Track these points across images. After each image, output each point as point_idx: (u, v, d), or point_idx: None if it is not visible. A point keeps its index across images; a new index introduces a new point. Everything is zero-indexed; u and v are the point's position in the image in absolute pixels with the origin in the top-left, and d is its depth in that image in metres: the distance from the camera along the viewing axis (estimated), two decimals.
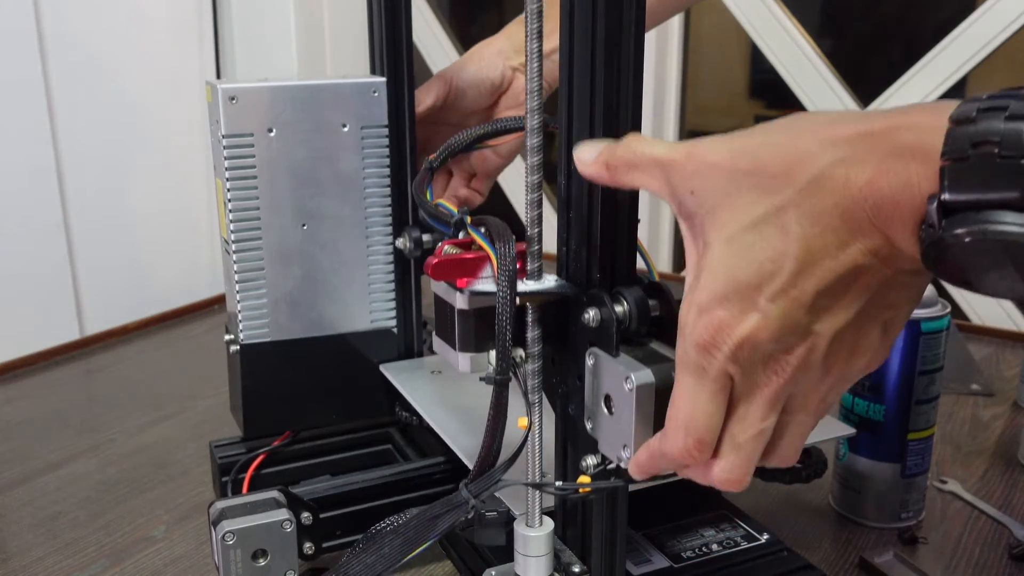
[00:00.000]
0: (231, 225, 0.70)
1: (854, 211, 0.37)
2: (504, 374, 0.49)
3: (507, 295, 0.47)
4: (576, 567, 0.54)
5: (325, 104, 0.71)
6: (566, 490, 0.51)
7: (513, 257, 0.48)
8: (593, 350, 0.49)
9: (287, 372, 0.74)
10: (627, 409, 0.46)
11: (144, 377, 1.07)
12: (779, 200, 0.38)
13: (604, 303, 0.48)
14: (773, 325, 0.39)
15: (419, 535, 0.52)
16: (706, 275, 0.40)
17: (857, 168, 0.36)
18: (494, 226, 0.50)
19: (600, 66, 0.46)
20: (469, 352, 0.52)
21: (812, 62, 1.33)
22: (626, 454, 0.46)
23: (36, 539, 0.74)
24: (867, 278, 0.38)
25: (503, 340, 0.48)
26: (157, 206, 1.35)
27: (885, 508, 0.73)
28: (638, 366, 0.46)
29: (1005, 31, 1.18)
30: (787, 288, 0.38)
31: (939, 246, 0.35)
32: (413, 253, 0.74)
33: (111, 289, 1.28)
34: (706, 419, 0.42)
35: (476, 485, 0.51)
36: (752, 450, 0.42)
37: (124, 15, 1.27)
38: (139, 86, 1.30)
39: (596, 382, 0.49)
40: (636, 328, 0.48)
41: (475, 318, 0.51)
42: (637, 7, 0.46)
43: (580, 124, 0.48)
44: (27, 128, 1.16)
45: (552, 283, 0.51)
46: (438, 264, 0.50)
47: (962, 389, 0.98)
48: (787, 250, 0.38)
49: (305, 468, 0.76)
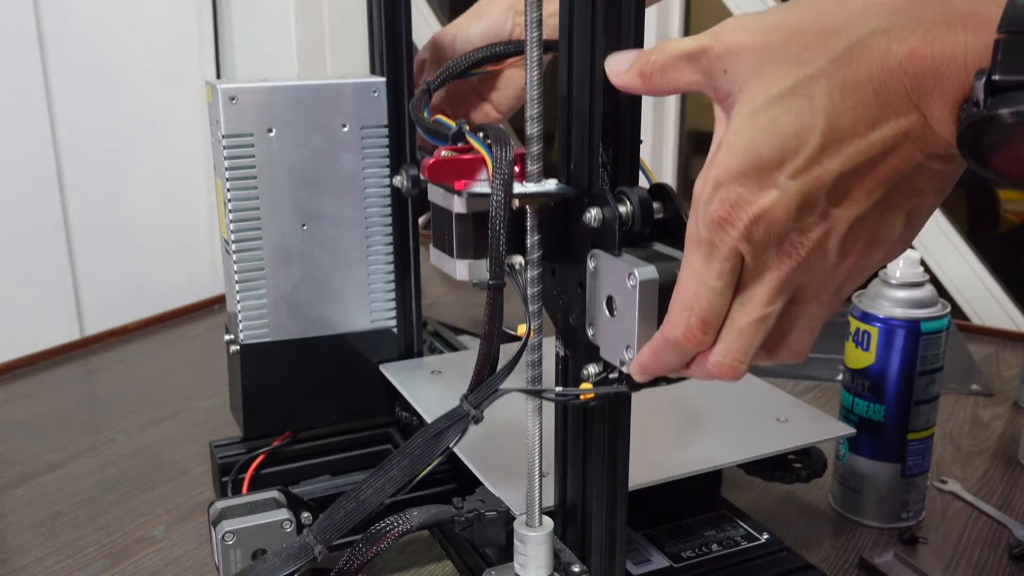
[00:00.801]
0: (231, 225, 0.70)
1: (891, 84, 0.34)
2: (498, 278, 0.47)
3: (502, 195, 0.46)
4: (576, 567, 0.54)
5: (325, 104, 0.71)
6: (566, 396, 0.49)
7: (510, 159, 0.46)
8: (595, 252, 0.47)
9: (287, 372, 0.74)
10: (630, 307, 0.44)
11: (144, 377, 1.07)
12: (811, 70, 0.36)
13: (607, 202, 0.46)
14: (791, 203, 0.37)
15: (425, 453, 0.50)
16: (725, 150, 0.38)
17: (900, 37, 0.34)
18: (492, 131, 0.48)
19: (600, 67, 0.46)
20: (467, 259, 0.50)
21: None
22: (628, 355, 0.45)
23: (36, 539, 0.74)
24: (895, 161, 0.36)
25: (497, 242, 0.46)
26: (157, 206, 1.35)
27: (885, 508, 0.73)
28: (641, 263, 0.44)
29: None
30: (810, 165, 0.36)
31: (979, 127, 0.32)
32: (410, 192, 0.73)
33: (111, 289, 1.28)
34: (711, 297, 0.40)
35: (475, 395, 0.49)
36: (751, 336, 0.40)
37: (124, 15, 1.27)
38: (139, 86, 1.30)
39: (598, 285, 0.47)
40: (639, 229, 0.46)
41: (473, 222, 0.49)
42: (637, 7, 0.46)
43: (579, 139, 0.48)
44: (27, 128, 1.16)
45: (552, 185, 0.49)
46: (435, 164, 0.48)
47: (962, 389, 0.98)
48: (814, 124, 0.36)
49: (305, 468, 0.76)
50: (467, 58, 0.68)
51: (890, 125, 0.35)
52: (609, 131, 0.47)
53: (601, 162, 0.47)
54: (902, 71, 0.34)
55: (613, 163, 0.47)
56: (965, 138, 0.33)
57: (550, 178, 0.49)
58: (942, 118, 0.34)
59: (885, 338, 0.69)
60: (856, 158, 0.36)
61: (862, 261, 0.39)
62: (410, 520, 0.54)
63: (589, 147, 0.48)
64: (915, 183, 0.37)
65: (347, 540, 0.65)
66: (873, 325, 0.70)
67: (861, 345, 0.71)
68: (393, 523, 0.54)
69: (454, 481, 0.70)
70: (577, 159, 0.49)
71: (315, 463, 0.76)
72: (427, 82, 0.66)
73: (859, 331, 0.71)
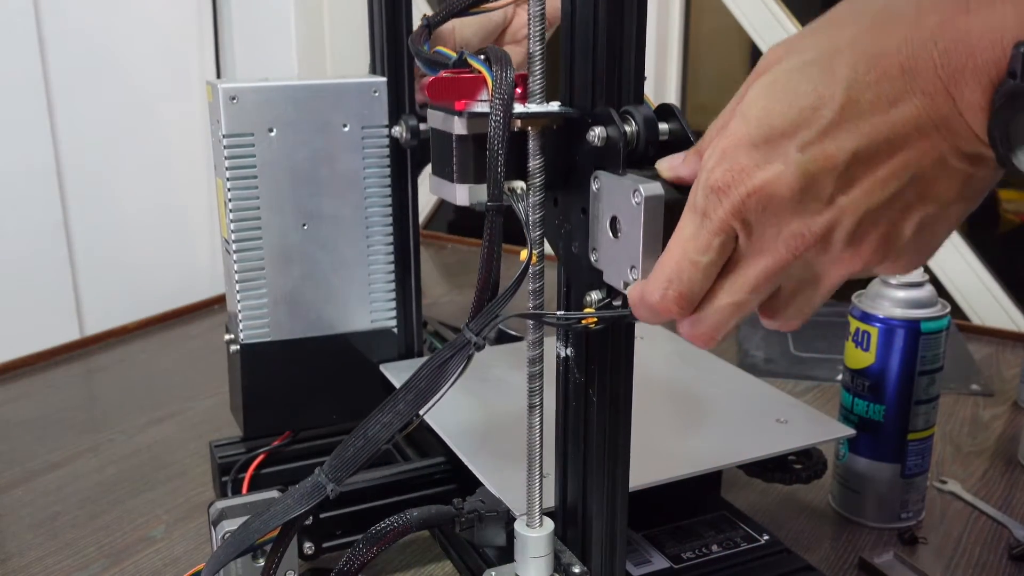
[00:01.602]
0: (231, 225, 0.70)
1: (920, 57, 0.31)
2: (497, 200, 0.45)
3: (501, 113, 0.44)
4: (576, 568, 0.54)
5: (325, 104, 0.71)
6: (569, 319, 0.48)
7: (511, 80, 0.45)
8: (598, 173, 0.46)
9: (287, 372, 0.74)
10: (635, 226, 0.42)
11: (144, 377, 1.07)
12: (837, 40, 0.33)
13: (611, 121, 0.45)
14: (795, 181, 0.34)
15: (431, 385, 0.49)
16: (737, 119, 0.36)
17: (932, 7, 0.31)
18: (493, 51, 0.47)
19: (602, 69, 0.46)
20: (467, 183, 0.48)
21: None
22: (633, 276, 0.43)
23: (36, 539, 0.74)
24: (915, 150, 0.33)
25: (495, 163, 0.44)
26: (157, 206, 1.35)
27: (885, 508, 0.73)
28: (646, 180, 0.42)
29: None
30: (822, 139, 0.33)
31: (1015, 104, 0.29)
32: (410, 143, 0.72)
33: (111, 289, 1.28)
34: (692, 272, 0.38)
35: (476, 322, 0.47)
36: (726, 316, 0.38)
37: (124, 15, 1.28)
38: (139, 86, 1.30)
39: (601, 206, 0.45)
40: (644, 150, 0.44)
41: (474, 144, 0.47)
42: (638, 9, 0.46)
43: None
44: (27, 128, 1.16)
45: (555, 106, 0.47)
46: (434, 81, 0.47)
47: (962, 389, 0.98)
48: (832, 95, 0.33)
49: (305, 468, 0.76)
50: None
51: (914, 104, 0.32)
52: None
53: None
54: (932, 42, 0.31)
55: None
56: (998, 121, 0.30)
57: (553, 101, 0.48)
58: (973, 102, 0.31)
59: (885, 338, 0.69)
60: (873, 137, 0.33)
61: (866, 264, 0.37)
62: (410, 520, 0.53)
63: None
64: (935, 184, 0.34)
65: (347, 540, 0.66)
66: (873, 325, 0.70)
67: (861, 345, 0.71)
68: (393, 523, 0.54)
69: (454, 481, 0.70)
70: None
71: (315, 463, 0.76)
72: (426, 17, 0.64)
73: (859, 331, 0.71)
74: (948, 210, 0.35)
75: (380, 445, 0.51)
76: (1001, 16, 0.30)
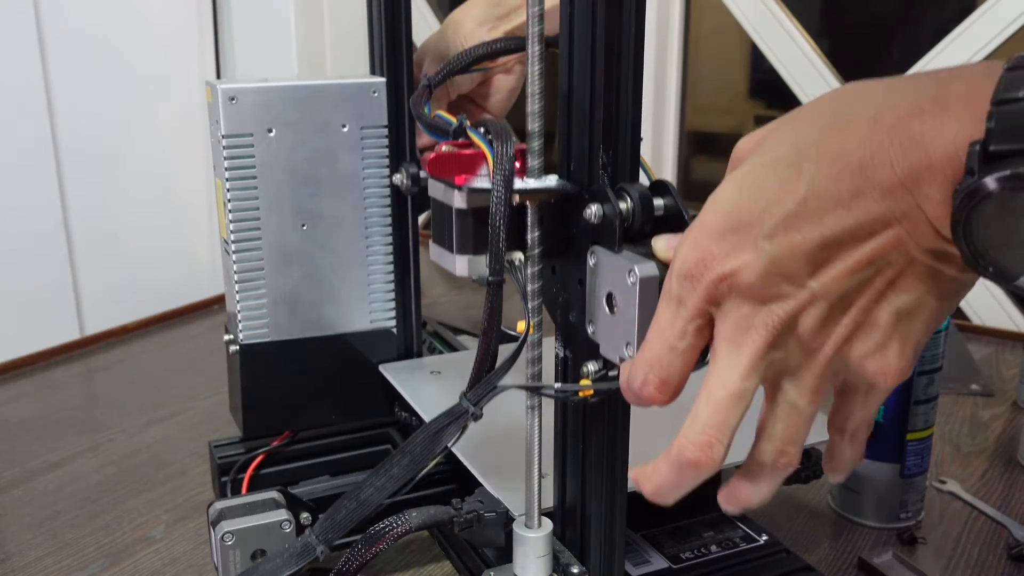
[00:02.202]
0: (231, 225, 0.70)
1: (877, 154, 0.33)
2: (498, 275, 0.47)
3: (502, 191, 0.46)
4: (575, 568, 0.54)
5: (325, 104, 0.71)
6: (566, 392, 0.49)
7: (511, 155, 0.46)
8: (595, 248, 0.47)
9: (287, 372, 0.74)
10: (630, 304, 0.44)
11: (144, 377, 1.07)
12: (802, 137, 0.36)
13: (607, 199, 0.46)
14: (762, 267, 0.35)
15: (425, 451, 0.50)
16: (709, 209, 0.38)
17: (889, 109, 0.33)
18: (494, 126, 0.48)
19: (600, 70, 0.46)
20: (467, 254, 0.49)
21: (812, 62, 1.33)
22: (628, 352, 0.45)
23: (35, 539, 0.74)
24: (880, 242, 0.34)
25: (497, 238, 0.46)
26: (157, 206, 1.35)
27: (884, 508, 0.73)
28: (641, 259, 0.44)
29: (1005, 31, 1.18)
30: (787, 228, 0.35)
31: (974, 197, 0.30)
32: (410, 190, 0.73)
33: (111, 289, 1.28)
34: (671, 357, 0.39)
35: (474, 392, 0.49)
36: (728, 411, 0.38)
37: (124, 15, 1.28)
38: (139, 86, 1.31)
39: (598, 281, 0.47)
40: (640, 227, 0.46)
41: (473, 218, 0.49)
42: (637, 11, 0.46)
43: (579, 140, 0.48)
44: (27, 128, 1.16)
45: (553, 182, 0.49)
46: (435, 159, 0.48)
47: (962, 389, 0.98)
48: (796, 189, 0.35)
49: (305, 468, 0.76)
50: (467, 54, 0.69)
51: (874, 199, 0.34)
52: (610, 132, 0.47)
53: (601, 163, 0.47)
54: (889, 141, 0.33)
55: (613, 164, 0.47)
56: (959, 218, 0.31)
57: (551, 175, 0.49)
58: (933, 198, 0.32)
59: None
60: (836, 228, 0.34)
61: (843, 353, 0.37)
62: (409, 521, 0.54)
63: (589, 147, 0.48)
64: (904, 276, 0.36)
65: (347, 540, 0.66)
66: None
67: None
68: (392, 523, 0.54)
69: (453, 481, 0.70)
70: (577, 159, 0.49)
71: (315, 463, 0.77)
72: (427, 77, 0.66)
73: None
74: (923, 302, 0.36)
75: (372, 508, 0.53)
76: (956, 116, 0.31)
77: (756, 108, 1.61)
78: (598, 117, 0.47)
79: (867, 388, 0.40)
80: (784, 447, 0.40)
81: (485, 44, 0.69)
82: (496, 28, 0.74)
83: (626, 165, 0.48)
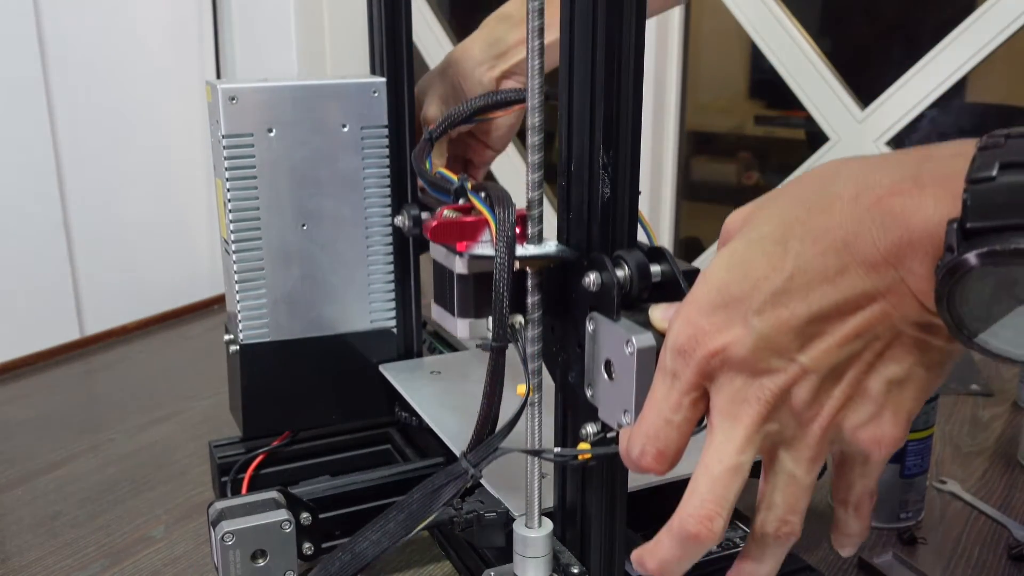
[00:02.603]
0: (231, 225, 0.70)
1: (859, 232, 0.34)
2: (501, 340, 0.48)
3: (505, 259, 0.47)
4: (575, 568, 0.54)
5: (325, 104, 0.71)
6: (565, 456, 0.50)
7: (512, 222, 0.47)
8: (593, 315, 0.48)
9: (287, 372, 0.74)
10: (628, 373, 0.45)
11: (144, 377, 1.07)
12: (788, 215, 0.37)
13: (605, 267, 0.47)
14: (752, 342, 0.37)
15: (422, 509, 0.51)
16: (700, 285, 0.39)
17: (869, 188, 0.34)
18: (494, 191, 0.49)
19: (600, 70, 0.46)
20: (468, 318, 0.51)
21: (812, 62, 1.33)
22: (626, 419, 0.46)
23: (36, 539, 0.74)
24: (866, 315, 0.35)
25: (500, 305, 0.47)
26: (157, 206, 1.35)
27: (884, 508, 0.73)
28: (639, 329, 0.45)
29: (1005, 31, 1.18)
30: (775, 305, 0.36)
31: (956, 272, 0.31)
32: (412, 231, 0.73)
33: (111, 289, 1.28)
34: (668, 430, 0.40)
35: (475, 454, 0.50)
36: (727, 484, 0.39)
37: (124, 15, 1.28)
38: (139, 86, 1.31)
39: (596, 347, 0.48)
40: (637, 293, 0.47)
41: (474, 283, 0.50)
42: (637, 12, 0.46)
43: (580, 140, 0.48)
44: (27, 128, 1.17)
45: (552, 248, 0.50)
46: (437, 227, 0.50)
47: (962, 389, 0.98)
48: (783, 267, 0.36)
49: (305, 468, 0.76)
50: (468, 106, 0.69)
51: (858, 274, 0.35)
52: (610, 132, 0.47)
53: (602, 163, 0.47)
54: (870, 219, 0.34)
55: (613, 164, 0.48)
56: (942, 293, 0.32)
57: (550, 240, 0.51)
58: (917, 273, 0.33)
59: None
60: (822, 304, 0.35)
61: (838, 423, 0.38)
62: None
63: (590, 147, 0.48)
64: (892, 347, 0.36)
65: (347, 541, 0.66)
66: None
67: None
68: None
69: None
70: (577, 159, 0.49)
71: (315, 463, 0.77)
72: (429, 131, 0.67)
73: None
74: (913, 372, 0.37)
75: (367, 562, 0.53)
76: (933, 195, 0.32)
77: (756, 108, 1.61)
78: (598, 117, 0.47)
79: (863, 458, 0.41)
80: (786, 516, 0.40)
81: (486, 96, 0.69)
82: (494, 68, 0.75)
83: (626, 165, 0.48)
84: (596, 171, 0.48)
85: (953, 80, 1.22)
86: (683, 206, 1.53)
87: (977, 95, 1.35)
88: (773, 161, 1.61)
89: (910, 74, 1.25)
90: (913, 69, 1.25)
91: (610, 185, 0.48)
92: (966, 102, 1.35)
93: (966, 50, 1.20)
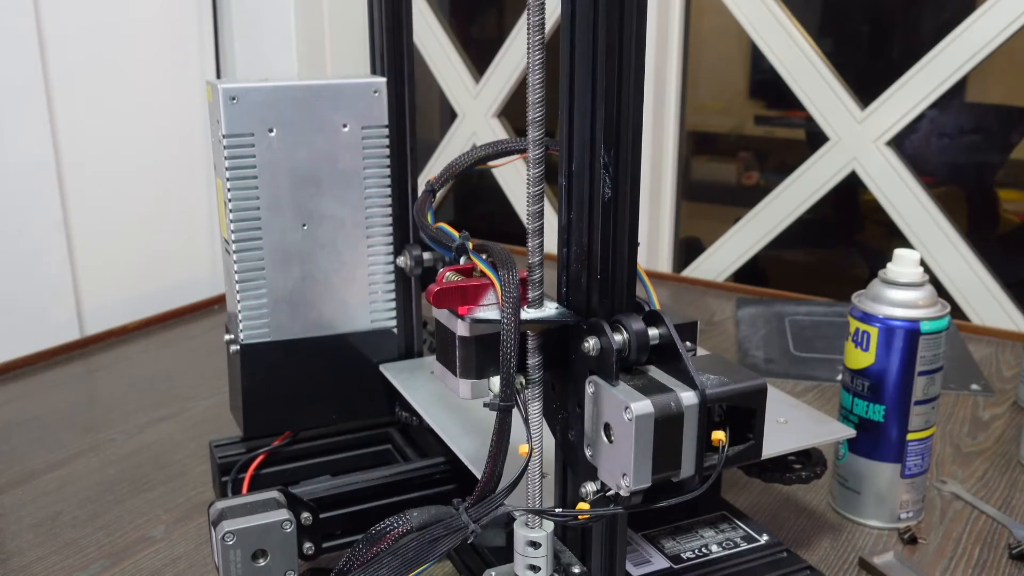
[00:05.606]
0: (231, 225, 0.70)
1: None
2: (508, 400, 0.49)
3: (511, 323, 0.48)
4: (576, 568, 0.54)
5: (326, 104, 0.71)
6: (565, 516, 0.51)
7: (516, 285, 0.49)
8: (593, 378, 0.49)
9: (287, 372, 0.74)
10: (627, 439, 0.46)
11: (144, 377, 1.07)
12: None
13: (604, 332, 0.48)
14: None
15: (418, 557, 0.52)
16: None
17: None
18: (497, 253, 0.51)
19: (601, 70, 0.46)
20: (470, 378, 0.52)
21: (812, 62, 1.33)
22: (625, 482, 0.47)
23: (36, 539, 0.74)
24: None
25: (507, 368, 0.48)
26: (157, 206, 1.35)
27: (885, 508, 0.73)
28: (637, 396, 0.46)
29: (1005, 31, 1.18)
30: None
31: None
32: (414, 271, 0.75)
33: (111, 289, 1.28)
34: None
35: (477, 510, 0.51)
36: None
37: (124, 15, 1.27)
38: (139, 86, 1.30)
39: (596, 410, 0.49)
40: (635, 357, 0.48)
41: (476, 345, 0.51)
42: (638, 17, 0.46)
43: (581, 140, 0.48)
44: (27, 128, 1.16)
45: (553, 311, 0.51)
46: (440, 292, 0.51)
47: (962, 389, 0.98)
48: None
49: (305, 468, 0.76)
50: (469, 156, 0.69)
51: None
52: (610, 132, 0.47)
53: (603, 163, 0.47)
54: None
55: (614, 164, 0.48)
56: None
57: (550, 302, 0.52)
58: None
59: (885, 338, 0.69)
60: None
61: None
62: (410, 520, 0.54)
63: (590, 147, 0.47)
64: None
65: (347, 540, 0.66)
66: (873, 325, 0.70)
67: (861, 345, 0.71)
68: (393, 523, 0.54)
69: (454, 481, 0.70)
70: (578, 159, 0.49)
71: (315, 463, 0.77)
72: (430, 183, 0.68)
73: (859, 331, 0.71)
74: None
75: None
76: None
77: (756, 108, 1.61)
78: (599, 117, 0.47)
79: None
80: None
81: (487, 145, 0.69)
82: None
83: (627, 165, 0.48)
84: (597, 171, 0.48)
85: (953, 80, 1.22)
86: (683, 206, 1.53)
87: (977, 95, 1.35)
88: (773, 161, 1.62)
89: (910, 74, 1.25)
90: (913, 69, 1.25)
91: (611, 185, 0.48)
92: (966, 102, 1.35)
93: (966, 50, 1.20)
